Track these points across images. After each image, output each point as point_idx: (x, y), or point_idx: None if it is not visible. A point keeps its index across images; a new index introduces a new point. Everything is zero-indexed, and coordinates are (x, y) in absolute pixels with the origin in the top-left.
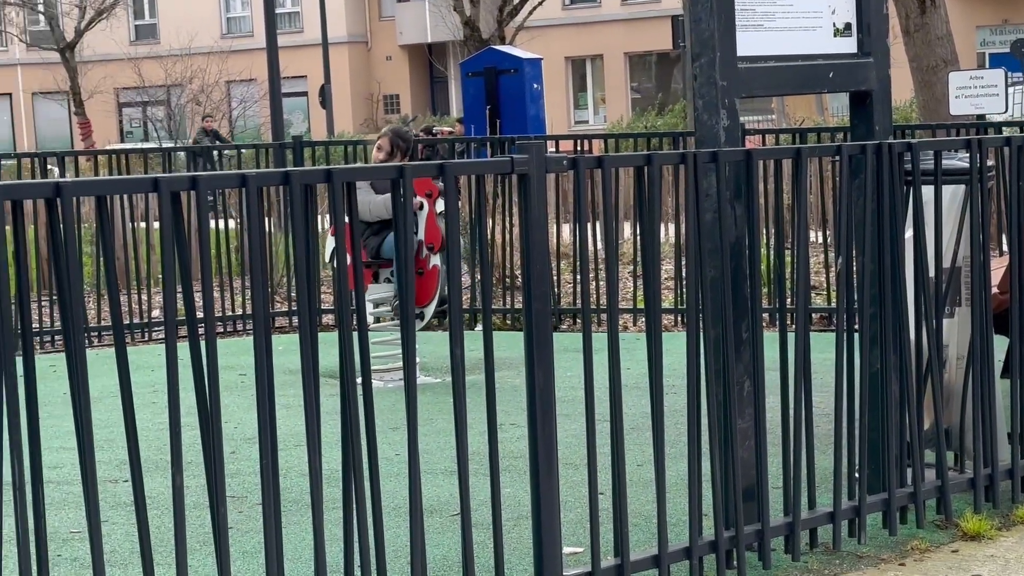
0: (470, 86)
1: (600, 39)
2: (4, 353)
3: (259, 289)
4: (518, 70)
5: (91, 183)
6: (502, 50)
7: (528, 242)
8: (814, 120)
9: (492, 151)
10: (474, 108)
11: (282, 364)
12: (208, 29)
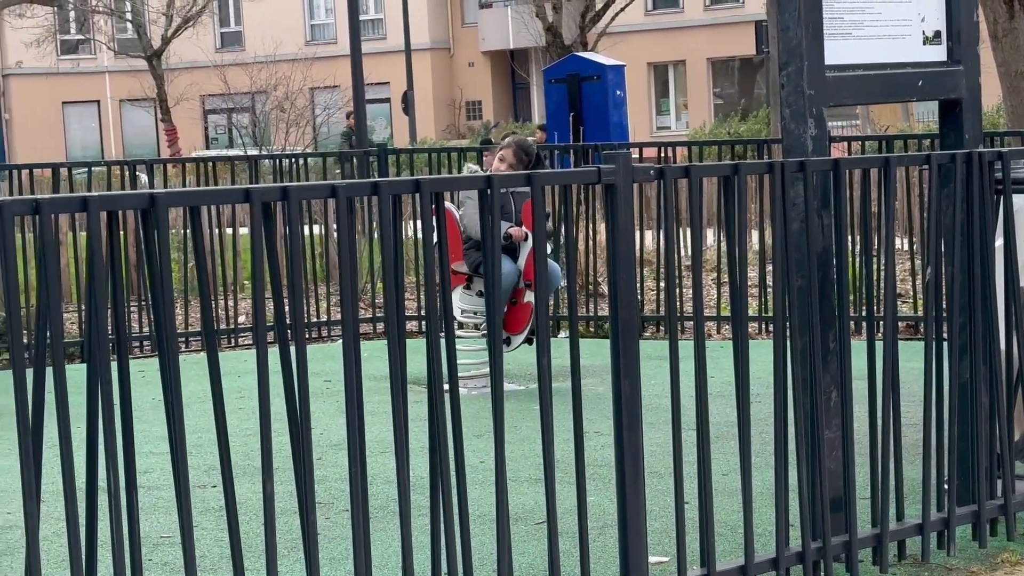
0: (553, 93)
1: (683, 44)
2: (99, 360)
3: (349, 298)
4: (601, 77)
5: (184, 194)
6: (585, 57)
7: (615, 251)
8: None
9: (575, 159)
10: (557, 115)
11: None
12: (292, 36)
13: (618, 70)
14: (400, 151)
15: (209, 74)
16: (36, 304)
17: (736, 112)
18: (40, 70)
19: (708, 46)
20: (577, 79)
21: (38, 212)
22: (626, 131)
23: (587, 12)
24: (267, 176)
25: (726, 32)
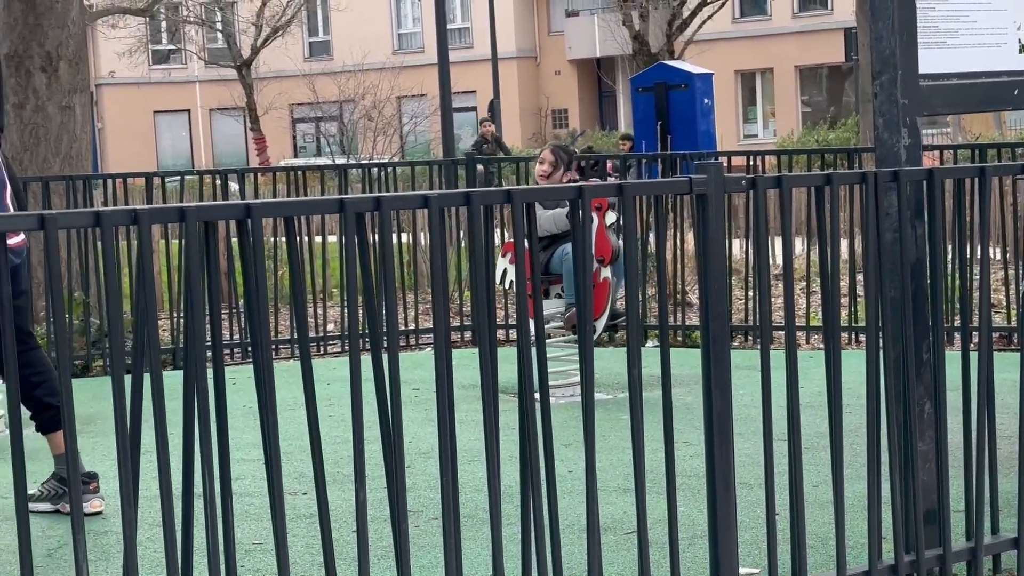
0: (640, 101)
1: (770, 52)
2: (195, 367)
3: (441, 307)
4: (689, 85)
5: (280, 204)
6: (673, 65)
7: (706, 262)
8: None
9: (663, 168)
10: (644, 124)
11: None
12: (380, 45)
13: (706, 78)
14: (488, 160)
15: (298, 83)
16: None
17: (824, 120)
18: (132, 80)
19: (796, 53)
20: (665, 87)
21: (137, 222)
22: (713, 140)
23: (674, 20)
24: (355, 184)
25: (814, 39)
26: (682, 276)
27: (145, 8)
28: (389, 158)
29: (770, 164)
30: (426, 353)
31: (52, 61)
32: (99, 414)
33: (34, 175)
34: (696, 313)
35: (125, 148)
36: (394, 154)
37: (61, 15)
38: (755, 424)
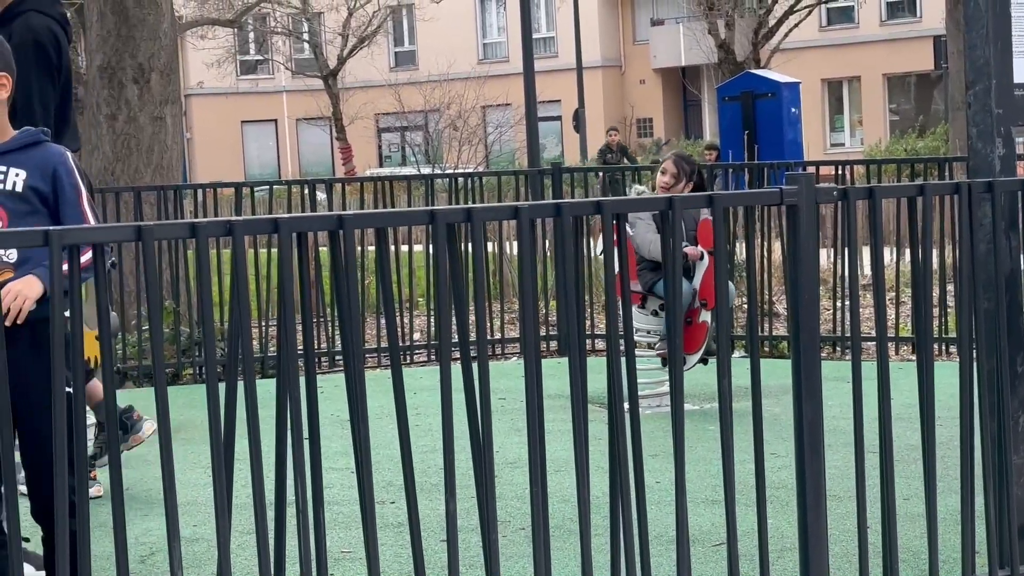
0: (727, 111)
1: (858, 60)
2: (287, 375)
3: (531, 317)
4: (776, 94)
5: (371, 216)
6: (759, 74)
7: (796, 274)
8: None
9: (750, 177)
10: (731, 133)
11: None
12: (465, 55)
13: (793, 87)
14: (574, 170)
15: (383, 93)
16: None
17: (913, 129)
18: (220, 90)
19: (884, 61)
20: (751, 96)
21: (232, 234)
22: (801, 149)
23: (760, 28)
24: (441, 194)
25: (902, 47)
26: (768, 286)
27: (233, 19)
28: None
29: (858, 173)
30: (512, 363)
31: (144, 73)
32: (189, 422)
33: (126, 185)
34: (783, 323)
35: (213, 158)
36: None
37: (153, 27)
38: (844, 436)
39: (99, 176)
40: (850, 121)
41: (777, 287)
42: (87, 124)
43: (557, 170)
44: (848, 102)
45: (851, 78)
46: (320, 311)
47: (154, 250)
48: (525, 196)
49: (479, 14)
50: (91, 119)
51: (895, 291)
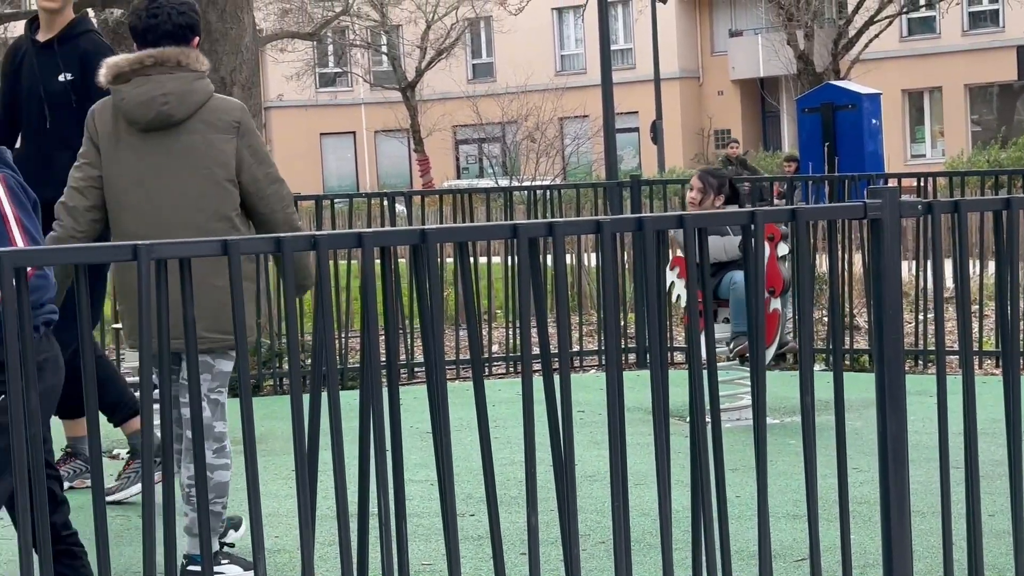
0: (806, 122)
1: (939, 71)
2: (371, 387)
3: (613, 329)
4: (856, 106)
5: (454, 230)
6: (839, 85)
7: (880, 288)
8: None
9: (831, 190)
10: (810, 145)
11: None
12: (543, 67)
13: (874, 99)
14: (653, 182)
15: (461, 105)
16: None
17: (995, 140)
18: (300, 103)
19: (966, 72)
20: (831, 108)
21: (316, 247)
22: (881, 161)
23: (840, 39)
24: (519, 206)
25: (985, 57)
26: (849, 299)
27: (313, 33)
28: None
29: (940, 185)
30: (590, 375)
31: (226, 86)
32: (269, 433)
33: None
34: (864, 336)
35: (293, 170)
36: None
37: (235, 41)
38: (927, 451)
39: None
40: (931, 132)
41: (858, 300)
42: None
43: (635, 182)
44: (929, 113)
45: (932, 89)
46: (400, 323)
47: (240, 264)
48: (603, 209)
49: (557, 26)
50: None
51: (978, 304)
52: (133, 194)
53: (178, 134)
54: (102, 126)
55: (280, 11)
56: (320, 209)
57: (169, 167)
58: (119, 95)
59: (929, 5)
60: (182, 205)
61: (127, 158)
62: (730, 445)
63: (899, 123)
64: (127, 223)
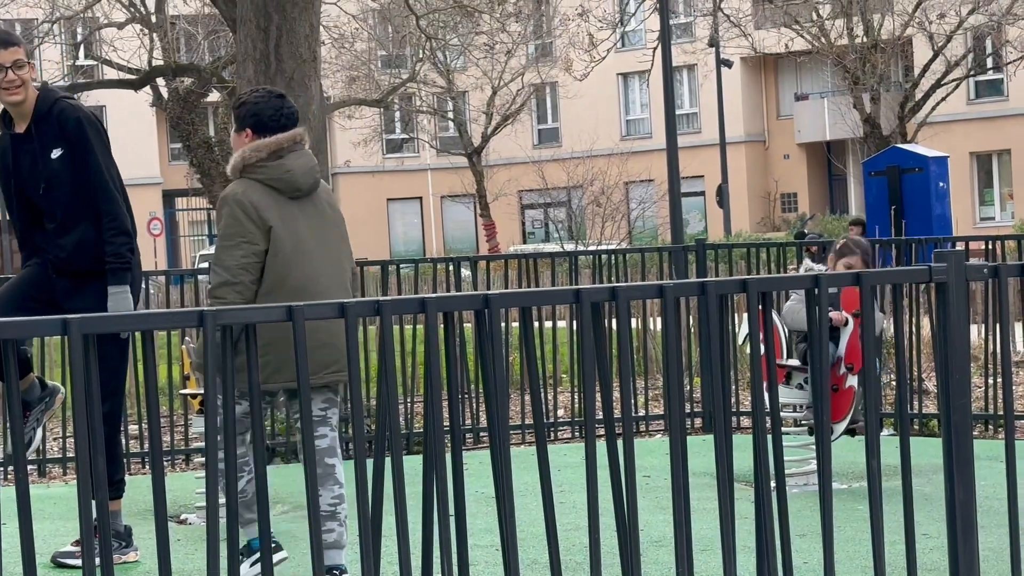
0: (872, 185)
1: (1007, 133)
2: (434, 452)
3: (676, 394)
4: (923, 168)
5: (516, 295)
6: (906, 148)
7: (946, 352)
8: None
9: (897, 253)
10: (877, 208)
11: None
12: (608, 131)
13: (941, 161)
14: (719, 246)
15: (527, 170)
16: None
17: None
18: (367, 168)
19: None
20: (898, 171)
21: (380, 313)
22: (949, 224)
23: (906, 102)
24: (584, 271)
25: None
26: (918, 362)
27: (380, 99)
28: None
29: (1010, 248)
30: (656, 439)
31: None
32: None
33: None
34: (932, 400)
35: (360, 235)
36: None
37: (303, 109)
38: (998, 517)
39: None
40: (1000, 195)
41: (927, 363)
42: None
43: (701, 246)
44: (998, 175)
45: (1001, 151)
46: (464, 387)
47: (304, 329)
48: (669, 272)
49: (622, 91)
50: None
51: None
52: (301, 254)
53: (315, 200)
54: (258, 201)
55: (348, 78)
56: (386, 274)
57: (323, 227)
58: (283, 168)
59: (996, 68)
60: (333, 260)
61: (292, 224)
62: (798, 510)
63: (968, 186)
64: (296, 279)
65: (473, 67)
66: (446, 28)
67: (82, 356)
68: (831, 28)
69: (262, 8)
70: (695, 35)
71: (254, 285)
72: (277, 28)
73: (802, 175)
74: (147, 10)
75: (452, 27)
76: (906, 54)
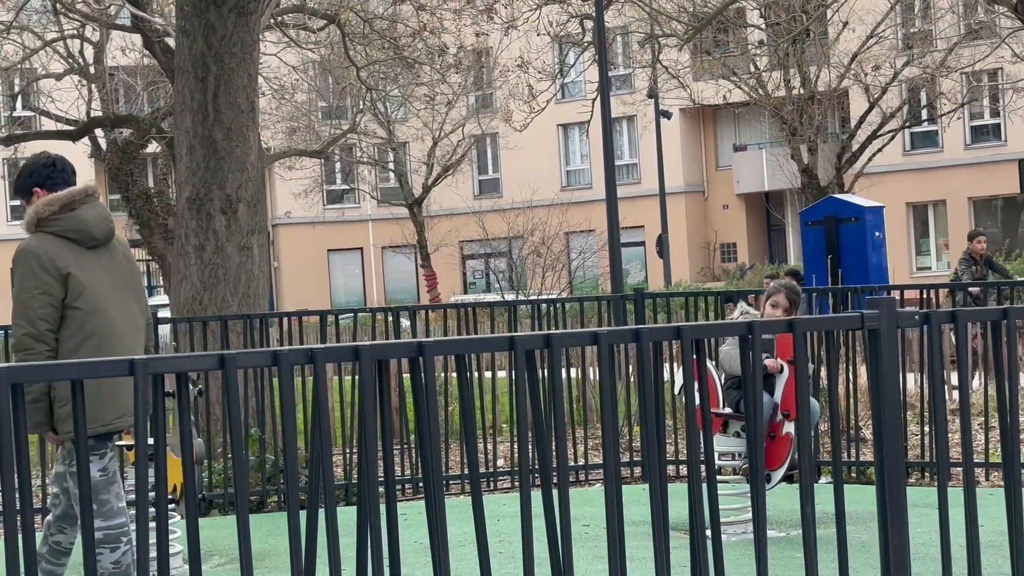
0: (810, 235)
1: (943, 184)
2: (369, 502)
3: (611, 442)
4: (859, 218)
5: (451, 342)
6: (843, 198)
7: (878, 398)
8: None
9: (834, 302)
10: (814, 257)
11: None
12: (548, 182)
13: (877, 211)
14: (657, 295)
15: (467, 220)
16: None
17: (1000, 251)
18: (307, 219)
19: (969, 185)
20: (834, 221)
21: (313, 361)
22: (885, 273)
23: (843, 153)
24: (524, 320)
25: (987, 170)
26: (855, 411)
27: (320, 150)
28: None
29: (943, 297)
30: (595, 489)
31: (232, 204)
32: (273, 550)
33: (213, 314)
34: (870, 448)
35: (300, 286)
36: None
37: (241, 159)
38: (933, 564)
39: (187, 305)
40: (936, 245)
41: (864, 412)
42: (176, 254)
43: (640, 295)
44: (934, 226)
45: (936, 202)
46: (404, 438)
47: (237, 378)
48: (608, 322)
49: (562, 142)
50: (180, 249)
51: (984, 415)
52: (99, 300)
53: (111, 249)
54: (53, 252)
55: (288, 129)
56: (325, 325)
57: (119, 275)
58: (78, 218)
59: (931, 120)
60: (129, 307)
61: (88, 272)
62: (736, 558)
63: (904, 236)
64: (94, 325)
65: (414, 118)
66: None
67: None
68: (768, 80)
69: (200, 59)
70: (634, 86)
71: (53, 334)
72: (215, 79)
73: (741, 225)
74: (86, 61)
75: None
76: (843, 106)
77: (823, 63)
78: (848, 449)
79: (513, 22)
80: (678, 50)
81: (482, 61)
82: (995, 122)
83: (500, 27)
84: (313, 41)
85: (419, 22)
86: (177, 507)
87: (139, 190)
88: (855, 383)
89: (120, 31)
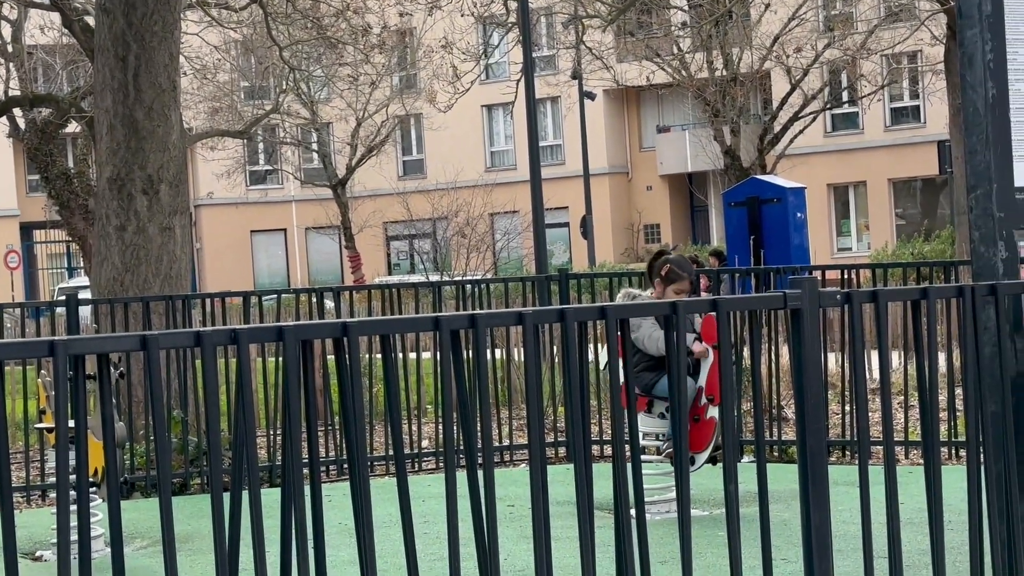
0: (733, 216)
1: (863, 165)
2: (292, 484)
3: (536, 423)
4: (781, 199)
5: (376, 323)
6: (765, 180)
7: (801, 377)
8: None
9: (756, 282)
10: (737, 238)
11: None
12: (473, 163)
13: (798, 192)
14: (581, 276)
15: (392, 201)
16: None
17: (919, 232)
18: (230, 200)
19: (889, 166)
20: (757, 202)
21: (236, 342)
22: (807, 253)
23: (765, 135)
24: (449, 301)
25: (907, 152)
26: (778, 391)
27: (243, 131)
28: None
29: (865, 277)
30: (520, 469)
31: (153, 184)
32: (196, 532)
33: (135, 295)
34: (793, 428)
35: (223, 267)
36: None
37: (162, 139)
38: (855, 541)
39: (108, 287)
40: (856, 226)
41: (787, 392)
42: (97, 235)
43: (564, 276)
44: (854, 207)
45: (857, 183)
46: (329, 419)
47: (159, 359)
48: (533, 302)
49: (486, 123)
50: (101, 230)
51: (904, 395)
52: None
53: None
54: None
55: (210, 109)
56: (248, 306)
57: None
58: None
59: (852, 102)
60: None
61: None
62: (660, 537)
63: (825, 217)
64: None
65: (337, 98)
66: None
67: None
68: (692, 61)
69: (120, 37)
70: (558, 67)
71: None
72: (136, 57)
73: (665, 206)
74: (3, 39)
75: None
76: (765, 87)
77: (745, 45)
78: (770, 428)
79: (437, 2)
80: (602, 31)
81: (406, 41)
82: (915, 104)
83: (424, 7)
84: (235, 20)
85: (343, 2)
86: (99, 490)
87: (59, 170)
88: (777, 363)
89: (38, 9)
